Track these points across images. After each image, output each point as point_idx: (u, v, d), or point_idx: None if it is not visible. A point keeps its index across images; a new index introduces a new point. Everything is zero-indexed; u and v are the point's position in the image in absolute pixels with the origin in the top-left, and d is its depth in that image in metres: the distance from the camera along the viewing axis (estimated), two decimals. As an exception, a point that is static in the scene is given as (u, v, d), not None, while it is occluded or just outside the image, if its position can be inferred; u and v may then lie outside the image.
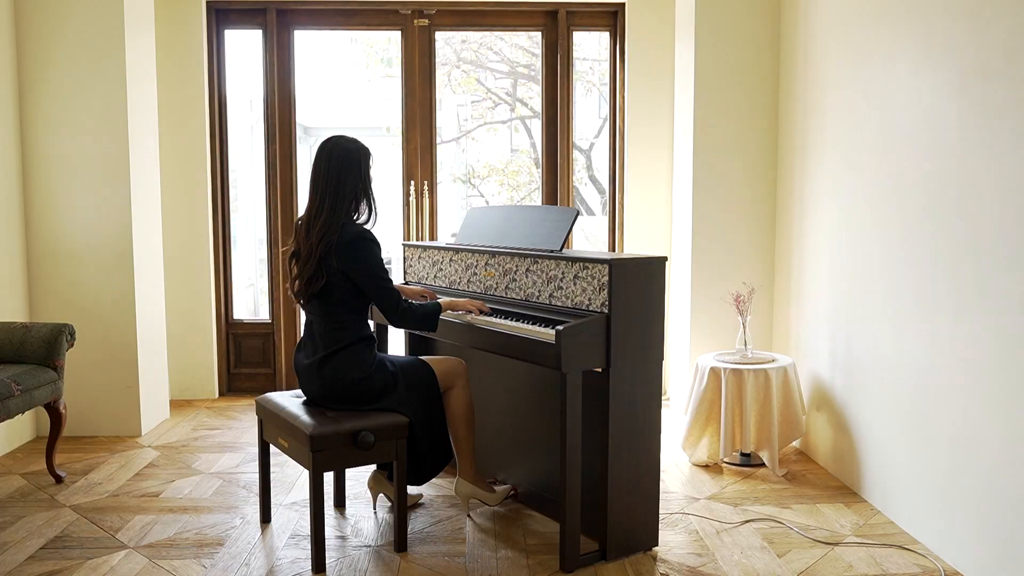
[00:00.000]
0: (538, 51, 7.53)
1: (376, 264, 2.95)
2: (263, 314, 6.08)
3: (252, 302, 7.63)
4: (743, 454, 3.90)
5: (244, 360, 5.27)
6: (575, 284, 2.92)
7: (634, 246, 5.09)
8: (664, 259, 2.93)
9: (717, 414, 3.84)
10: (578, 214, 3.15)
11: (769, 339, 4.48)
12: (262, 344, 5.26)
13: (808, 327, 4.02)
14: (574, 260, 2.92)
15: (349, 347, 2.96)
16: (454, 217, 8.25)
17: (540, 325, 2.88)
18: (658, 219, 5.08)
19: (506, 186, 8.84)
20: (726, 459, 3.88)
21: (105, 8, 4.22)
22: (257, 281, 7.60)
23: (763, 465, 3.88)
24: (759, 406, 3.75)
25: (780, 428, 3.77)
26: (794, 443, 4.13)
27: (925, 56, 3.02)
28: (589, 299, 2.86)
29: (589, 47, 7.43)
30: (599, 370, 2.86)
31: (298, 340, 5.24)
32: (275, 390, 5.21)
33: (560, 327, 2.72)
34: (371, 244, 2.96)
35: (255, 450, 4.14)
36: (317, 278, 2.93)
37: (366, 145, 3.08)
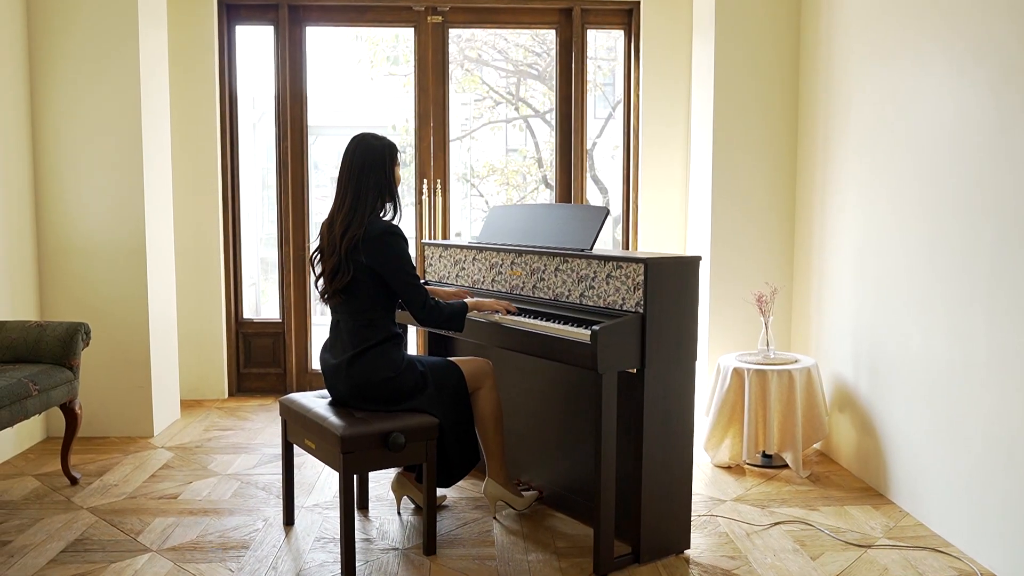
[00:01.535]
0: (540, 50, 7.51)
1: (405, 260, 2.91)
2: (265, 313, 6.03)
3: (254, 301, 7.58)
4: (764, 455, 3.88)
5: (254, 360, 5.21)
6: (608, 283, 2.88)
7: (648, 246, 5.06)
8: (698, 258, 2.90)
9: (740, 415, 3.81)
10: (608, 213, 3.11)
11: (788, 340, 4.45)
12: (272, 344, 5.20)
13: (830, 328, 4.00)
14: (607, 259, 2.88)
15: (378, 346, 2.92)
16: (458, 216, 8.21)
17: (573, 325, 2.84)
18: (672, 219, 5.05)
19: (506, 186, 8.81)
20: (748, 460, 3.85)
21: (118, 3, 4.15)
22: (259, 280, 7.54)
23: (785, 466, 3.85)
24: (783, 407, 3.72)
25: (803, 429, 3.75)
26: (815, 445, 4.10)
27: (958, 56, 3.00)
28: (623, 299, 2.83)
29: (590, 45, 7.40)
30: (633, 371, 2.82)
31: (313, 339, 5.20)
32: (285, 390, 5.17)
33: (596, 327, 2.68)
34: (399, 239, 2.92)
35: (270, 451, 4.09)
36: (342, 272, 2.89)
37: (393, 143, 3.04)
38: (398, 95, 7.85)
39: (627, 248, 5.24)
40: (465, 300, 3.12)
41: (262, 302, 7.26)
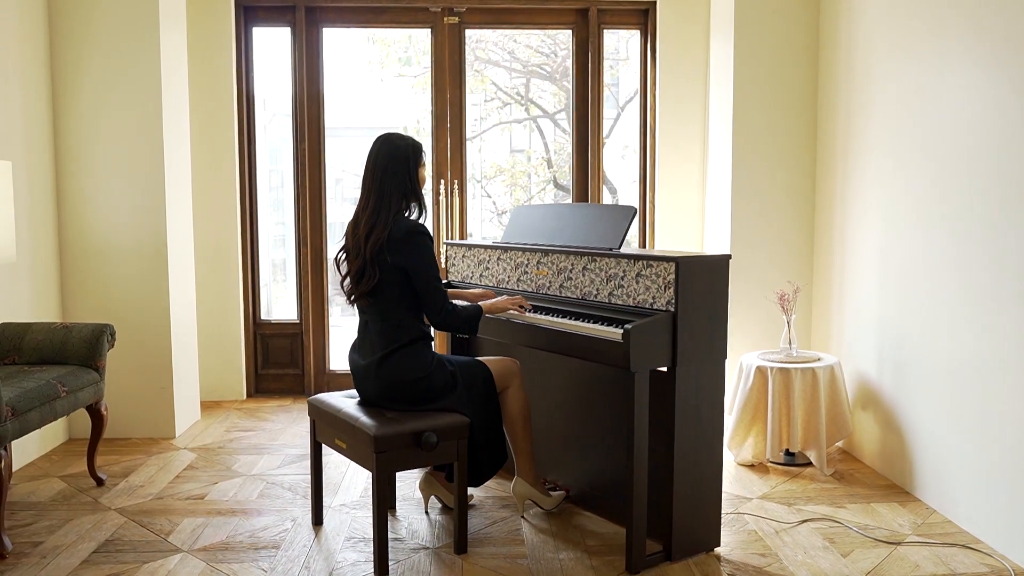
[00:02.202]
0: (547, 51, 7.51)
1: (431, 260, 2.91)
2: (277, 314, 6.02)
3: (266, 303, 7.58)
4: (787, 453, 3.88)
5: (272, 361, 5.22)
6: (638, 282, 2.89)
7: (664, 245, 5.07)
8: (728, 257, 2.91)
9: (763, 413, 3.82)
10: (636, 212, 3.12)
11: (807, 338, 4.46)
12: (290, 345, 5.21)
13: (853, 326, 4.00)
14: (637, 258, 2.89)
15: (408, 346, 2.92)
16: (468, 216, 8.20)
17: (603, 324, 2.85)
18: (688, 218, 5.05)
19: (513, 186, 8.81)
20: (771, 458, 3.85)
21: (139, 5, 4.16)
22: (269, 282, 7.55)
23: (809, 464, 3.85)
24: (806, 405, 3.73)
25: (827, 427, 3.75)
26: (838, 443, 4.10)
27: (981, 54, 3.01)
28: (653, 297, 2.83)
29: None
30: (664, 369, 2.83)
31: (331, 340, 5.21)
32: (303, 391, 5.18)
33: (628, 326, 2.69)
34: (426, 239, 2.92)
35: (292, 452, 4.10)
36: (368, 276, 2.89)
37: (418, 142, 3.04)
38: (407, 97, 7.86)
39: (643, 247, 5.25)
40: (479, 304, 3.11)
41: (272, 303, 7.28)
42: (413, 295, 2.94)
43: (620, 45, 6.71)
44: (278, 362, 5.22)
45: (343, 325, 6.18)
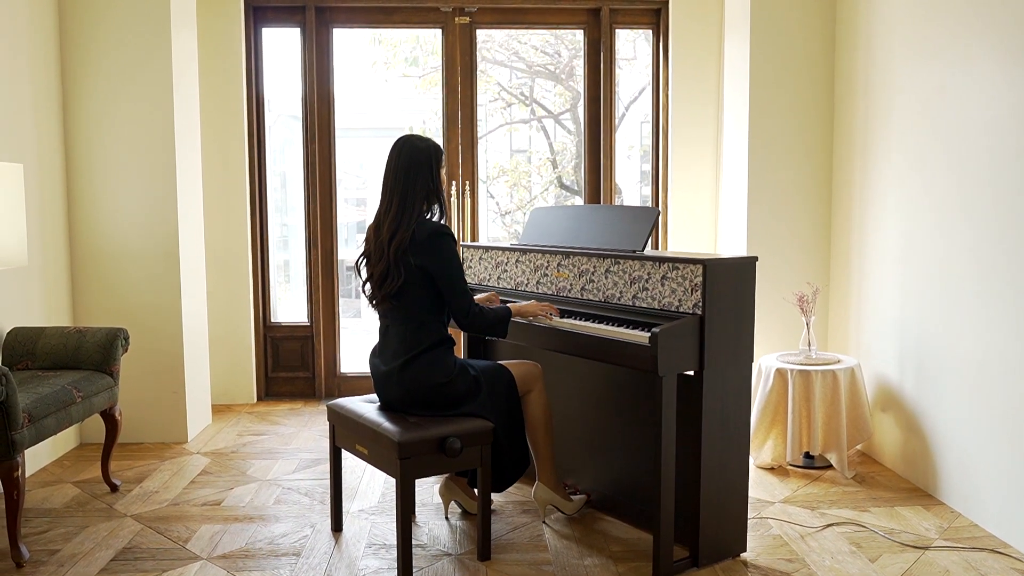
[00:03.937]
0: (551, 51, 7.48)
1: (457, 262, 2.88)
2: (281, 317, 5.99)
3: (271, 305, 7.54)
4: (807, 456, 3.85)
5: (282, 364, 5.18)
6: (663, 285, 2.85)
7: (677, 247, 5.03)
8: (755, 259, 2.87)
9: (783, 416, 3.78)
10: (659, 214, 3.08)
11: (825, 340, 4.43)
12: (300, 348, 5.17)
13: (872, 328, 3.97)
14: (663, 260, 2.85)
15: (430, 350, 2.89)
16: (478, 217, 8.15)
17: (628, 327, 2.81)
18: (701, 219, 5.01)
19: (516, 187, 8.77)
20: (791, 461, 3.82)
21: (149, 7, 4.12)
22: (275, 285, 7.51)
23: (828, 467, 3.82)
24: (827, 407, 3.70)
25: (848, 430, 3.72)
26: (857, 445, 4.07)
27: (1004, 53, 2.97)
28: (679, 300, 2.80)
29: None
30: (691, 373, 2.80)
31: (341, 343, 5.15)
32: (314, 395, 5.14)
33: (656, 329, 2.65)
34: (451, 240, 2.89)
35: (306, 456, 4.06)
36: (392, 278, 2.85)
37: (438, 144, 3.01)
38: (412, 97, 7.80)
39: (655, 249, 5.21)
40: (508, 306, 3.08)
41: (276, 306, 7.23)
42: (436, 297, 2.91)
43: (623, 46, 6.68)
44: (288, 365, 5.18)
45: (349, 327, 6.14)
